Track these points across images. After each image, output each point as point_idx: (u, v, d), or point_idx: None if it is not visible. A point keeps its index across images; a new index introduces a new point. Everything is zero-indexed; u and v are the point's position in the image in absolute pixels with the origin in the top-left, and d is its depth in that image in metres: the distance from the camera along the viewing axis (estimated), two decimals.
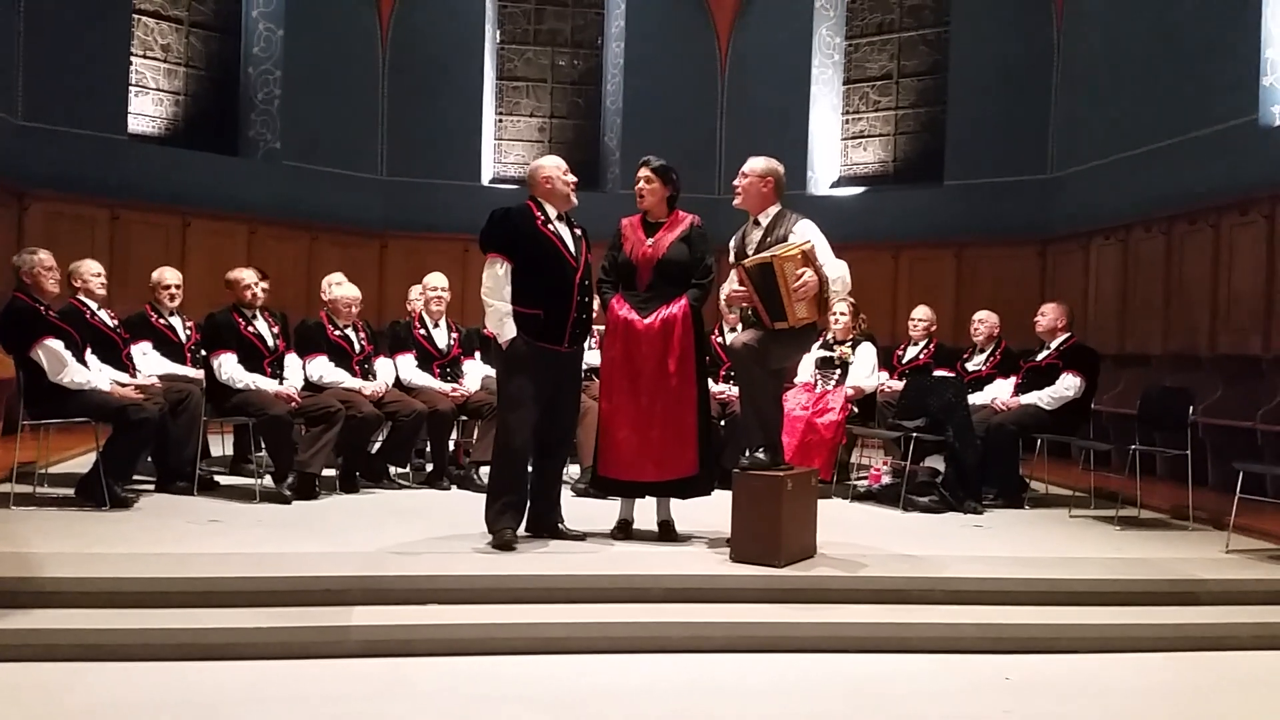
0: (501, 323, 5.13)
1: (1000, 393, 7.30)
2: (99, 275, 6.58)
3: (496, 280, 5.13)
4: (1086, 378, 6.99)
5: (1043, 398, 6.97)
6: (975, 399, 7.21)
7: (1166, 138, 9.54)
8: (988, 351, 7.69)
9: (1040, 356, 7.22)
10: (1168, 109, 9.53)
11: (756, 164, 5.22)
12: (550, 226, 5.18)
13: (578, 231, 5.31)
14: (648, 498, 5.42)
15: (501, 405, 5.29)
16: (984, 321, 7.73)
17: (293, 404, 6.37)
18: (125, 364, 6.44)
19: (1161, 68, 9.65)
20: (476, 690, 3.76)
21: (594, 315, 5.49)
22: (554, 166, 5.28)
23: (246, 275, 6.68)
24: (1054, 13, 11.52)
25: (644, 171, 5.34)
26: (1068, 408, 6.98)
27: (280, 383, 6.50)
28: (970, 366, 7.71)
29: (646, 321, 5.22)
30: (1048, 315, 7.27)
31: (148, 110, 11.97)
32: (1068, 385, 6.95)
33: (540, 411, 5.19)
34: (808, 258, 4.84)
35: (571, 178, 5.28)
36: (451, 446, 7.31)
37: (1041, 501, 7.30)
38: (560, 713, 3.59)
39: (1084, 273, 10.69)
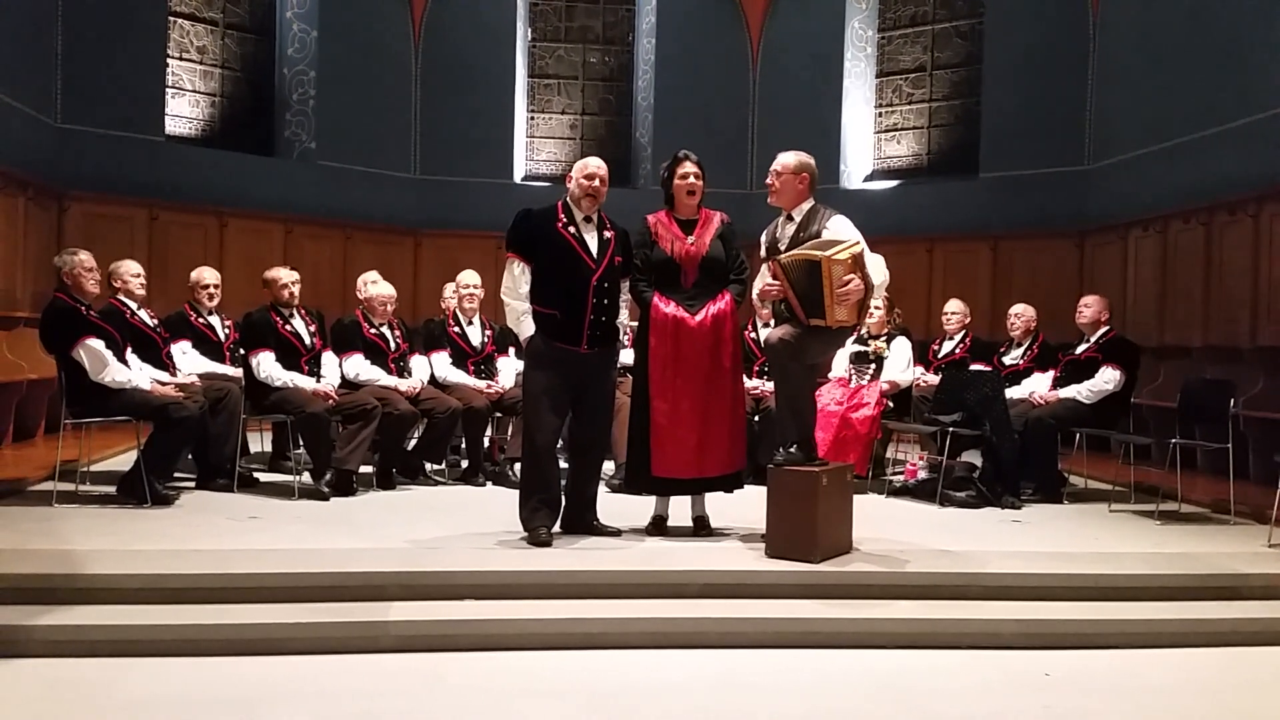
0: (519, 321, 5.19)
1: (1038, 386, 7.23)
2: (138, 275, 6.66)
3: (514, 280, 5.19)
4: (1126, 371, 6.91)
5: (1082, 391, 6.90)
6: (1013, 393, 7.13)
7: (1204, 128, 9.41)
8: (1025, 345, 7.62)
9: (1079, 349, 7.15)
10: (1205, 98, 9.39)
11: (789, 160, 5.16)
12: (571, 228, 5.16)
13: (607, 234, 5.24)
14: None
15: (524, 403, 5.34)
16: (1020, 315, 7.65)
17: (330, 401, 6.42)
18: (165, 363, 6.52)
19: (1198, 56, 9.51)
20: (512, 685, 3.77)
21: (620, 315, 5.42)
22: (577, 169, 5.26)
23: (284, 274, 6.74)
24: (1089, 2, 11.39)
25: (693, 168, 5.30)
26: (1107, 401, 6.90)
27: (317, 380, 6.56)
28: (1007, 360, 7.64)
29: (698, 319, 5.19)
30: (1091, 308, 7.18)
31: (184, 112, 12.10)
32: (1107, 378, 6.87)
33: (566, 410, 5.22)
34: (857, 262, 4.76)
35: (589, 180, 5.16)
36: (486, 443, 7.36)
37: (1080, 496, 7.22)
38: (595, 708, 3.59)
39: (1122, 265, 10.56)
